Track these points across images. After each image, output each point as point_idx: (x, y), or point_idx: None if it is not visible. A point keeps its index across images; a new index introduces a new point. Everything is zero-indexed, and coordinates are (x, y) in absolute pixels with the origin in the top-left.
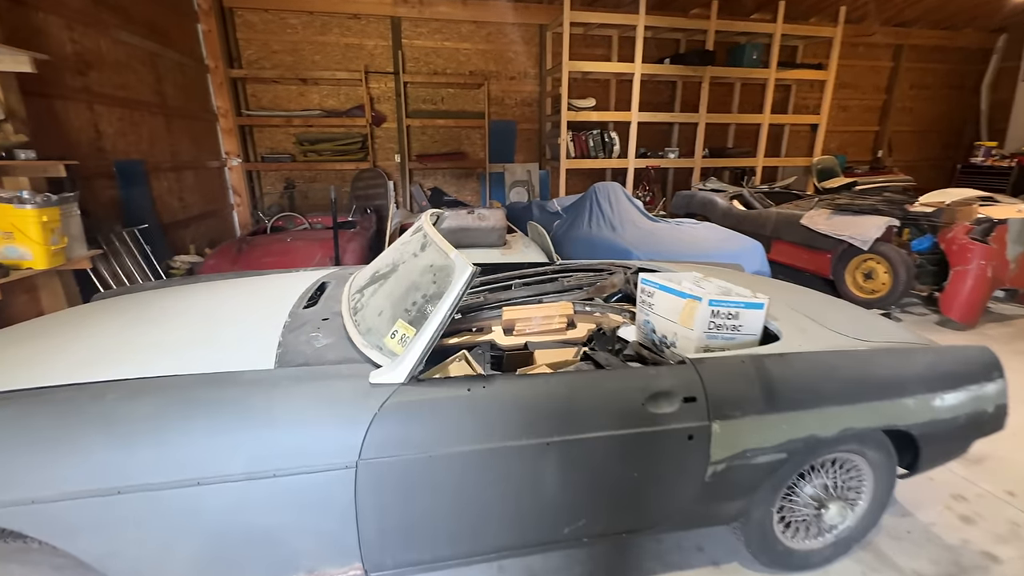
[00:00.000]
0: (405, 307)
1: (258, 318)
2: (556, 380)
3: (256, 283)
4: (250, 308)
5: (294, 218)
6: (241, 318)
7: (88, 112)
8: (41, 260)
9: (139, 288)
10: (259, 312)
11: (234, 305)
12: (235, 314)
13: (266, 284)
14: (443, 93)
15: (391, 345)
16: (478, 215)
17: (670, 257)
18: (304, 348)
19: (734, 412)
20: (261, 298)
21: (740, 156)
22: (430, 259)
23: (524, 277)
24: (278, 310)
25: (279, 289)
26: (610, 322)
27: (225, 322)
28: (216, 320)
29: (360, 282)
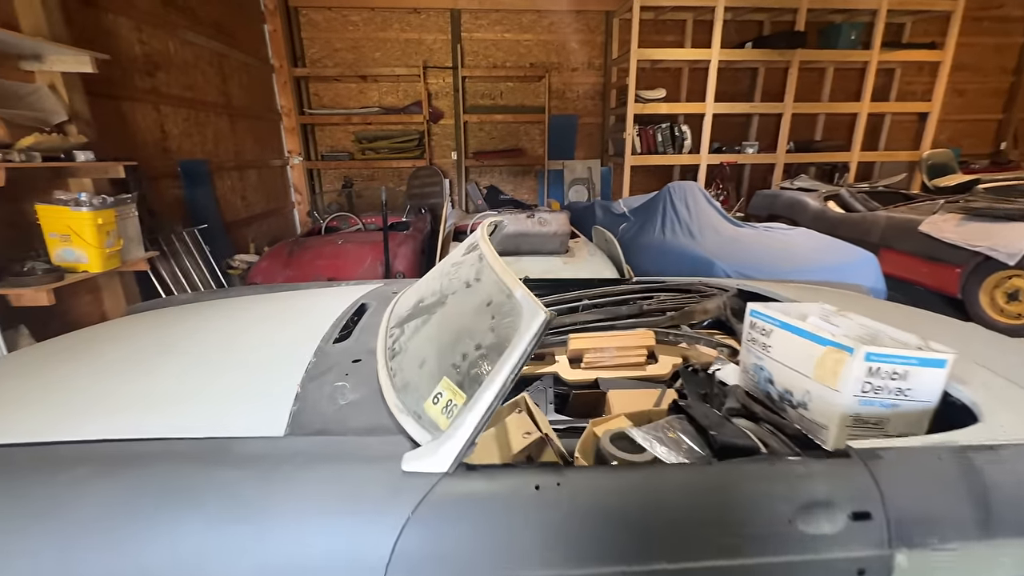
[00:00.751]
0: (453, 361)
1: (278, 354)
2: (661, 478)
3: (288, 302)
4: (273, 339)
5: (348, 218)
6: (259, 355)
7: (155, 113)
8: (96, 263)
9: (172, 301)
10: (282, 345)
11: (256, 334)
12: (254, 348)
13: (299, 304)
14: (502, 87)
15: (433, 413)
16: (539, 219)
17: (761, 270)
18: (325, 406)
19: (929, 538)
20: (289, 324)
21: (831, 150)
22: (488, 293)
23: (593, 297)
24: (304, 342)
25: (311, 312)
26: (699, 356)
27: (239, 360)
28: (230, 355)
29: (401, 311)
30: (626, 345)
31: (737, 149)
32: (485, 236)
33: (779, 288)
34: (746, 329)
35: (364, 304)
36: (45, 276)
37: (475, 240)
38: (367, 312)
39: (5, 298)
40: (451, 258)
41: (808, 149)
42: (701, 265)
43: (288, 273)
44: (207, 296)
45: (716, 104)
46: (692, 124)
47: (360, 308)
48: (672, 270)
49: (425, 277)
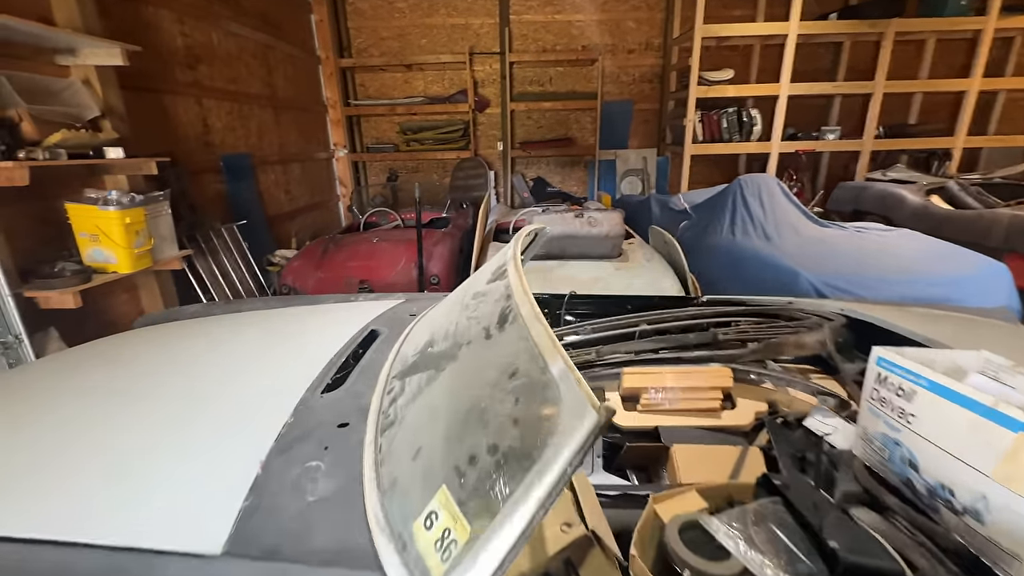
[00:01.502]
0: (456, 461)
1: (252, 407)
2: None
3: (293, 323)
4: (253, 383)
5: (387, 214)
6: (227, 408)
7: (197, 107)
8: (125, 264)
9: (180, 314)
10: (260, 392)
11: (236, 373)
12: (224, 396)
13: (303, 326)
14: (551, 73)
15: (422, 545)
16: (588, 219)
17: (858, 283)
18: (287, 502)
19: None
20: (280, 359)
21: (929, 135)
22: (513, 356)
23: (653, 320)
24: (288, 389)
25: (313, 340)
26: (790, 403)
27: (199, 416)
28: (191, 408)
29: (408, 353)
30: (696, 385)
31: (815, 135)
32: (517, 259)
33: (898, 315)
34: (870, 382)
35: (375, 331)
36: (72, 278)
37: (504, 262)
38: (376, 341)
39: (34, 300)
40: (476, 282)
41: (901, 134)
42: (781, 275)
43: (319, 275)
44: (216, 309)
45: (792, 85)
46: (762, 108)
47: (370, 335)
48: (744, 279)
49: (444, 303)
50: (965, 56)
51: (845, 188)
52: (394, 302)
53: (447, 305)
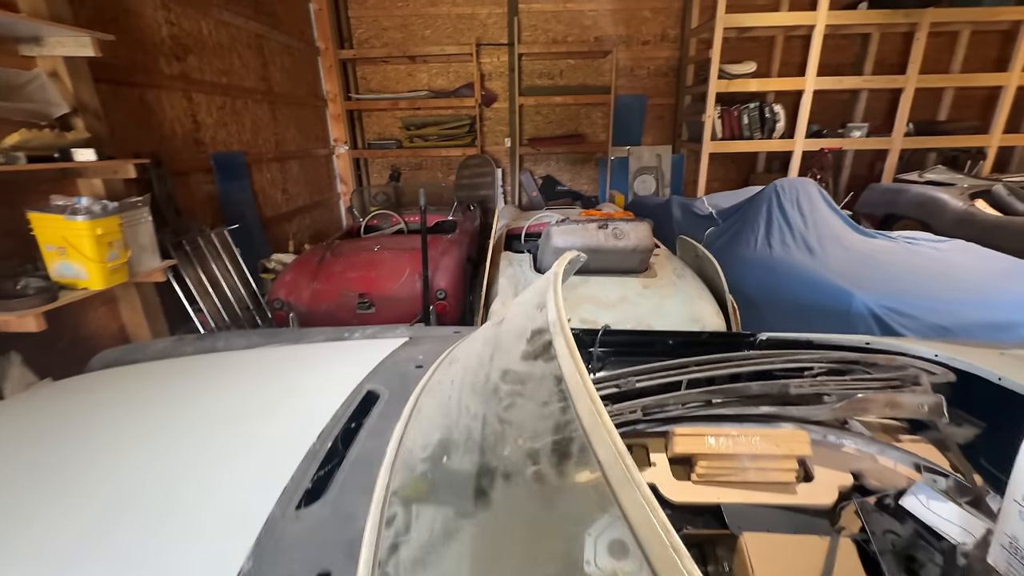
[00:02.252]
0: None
1: (190, 546)
2: None
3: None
4: (207, 487)
5: (389, 216)
6: (159, 532)
7: (185, 101)
8: (97, 279)
9: (142, 353)
10: (211, 512)
11: (187, 466)
12: (161, 509)
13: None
14: (562, 65)
15: None
16: (614, 230)
17: (924, 307)
18: None
19: None
20: (245, 442)
21: (962, 133)
22: (582, 514)
23: (703, 364)
24: (252, 501)
25: (293, 407)
26: (879, 474)
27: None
28: (117, 520)
29: (415, 459)
30: (766, 452)
31: (840, 132)
32: (564, 335)
33: (1004, 364)
34: (1020, 481)
35: (372, 392)
36: (35, 297)
37: (545, 331)
38: (374, 410)
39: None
40: (505, 349)
41: (932, 131)
42: (830, 295)
43: (315, 287)
44: (186, 346)
45: (819, 79)
46: (784, 103)
47: (366, 398)
48: (785, 298)
49: (460, 368)
50: (999, 49)
51: (877, 190)
52: (396, 342)
53: (466, 377)
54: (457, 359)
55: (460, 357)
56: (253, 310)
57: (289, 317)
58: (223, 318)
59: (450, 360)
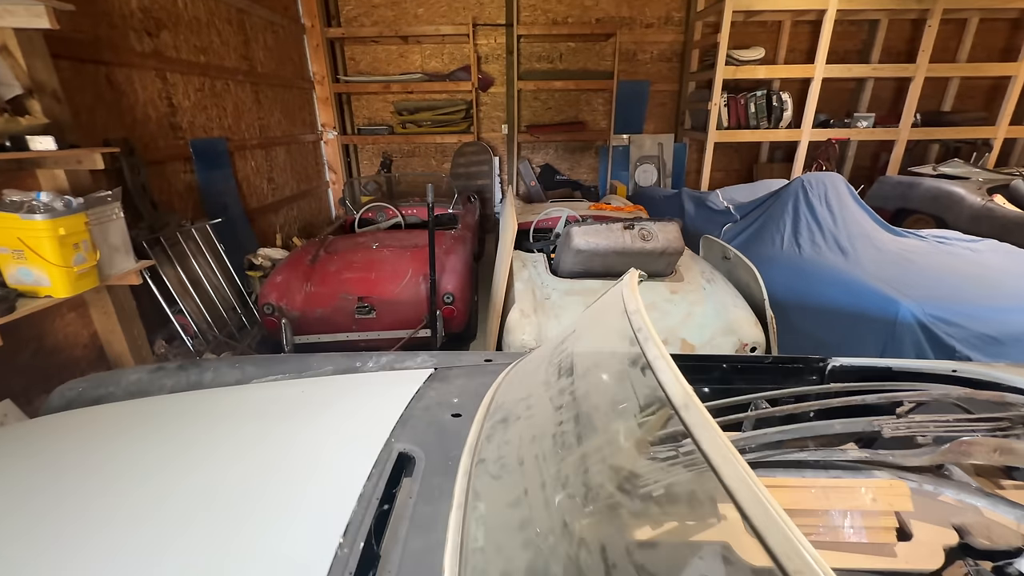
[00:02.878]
0: None
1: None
2: None
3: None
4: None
5: (385, 209)
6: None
7: (159, 82)
8: (61, 286)
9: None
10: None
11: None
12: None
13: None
14: (562, 48)
15: None
16: (641, 231)
17: (974, 314)
18: None
19: None
20: (245, 538)
21: (968, 124)
22: None
23: (770, 399)
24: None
25: (302, 478)
26: (987, 531)
27: None
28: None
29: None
30: (860, 507)
31: (847, 122)
32: (711, 431)
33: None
34: None
35: (404, 456)
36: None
37: (671, 404)
38: (411, 492)
39: None
40: (596, 425)
41: (939, 122)
42: (871, 301)
43: (309, 289)
44: (166, 376)
45: (828, 66)
46: (790, 91)
47: (397, 465)
48: (820, 304)
49: (521, 438)
50: (1006, 38)
51: (888, 183)
52: (419, 375)
53: (544, 458)
54: (513, 416)
55: (516, 412)
56: (240, 311)
57: (281, 323)
58: (206, 320)
59: (501, 414)
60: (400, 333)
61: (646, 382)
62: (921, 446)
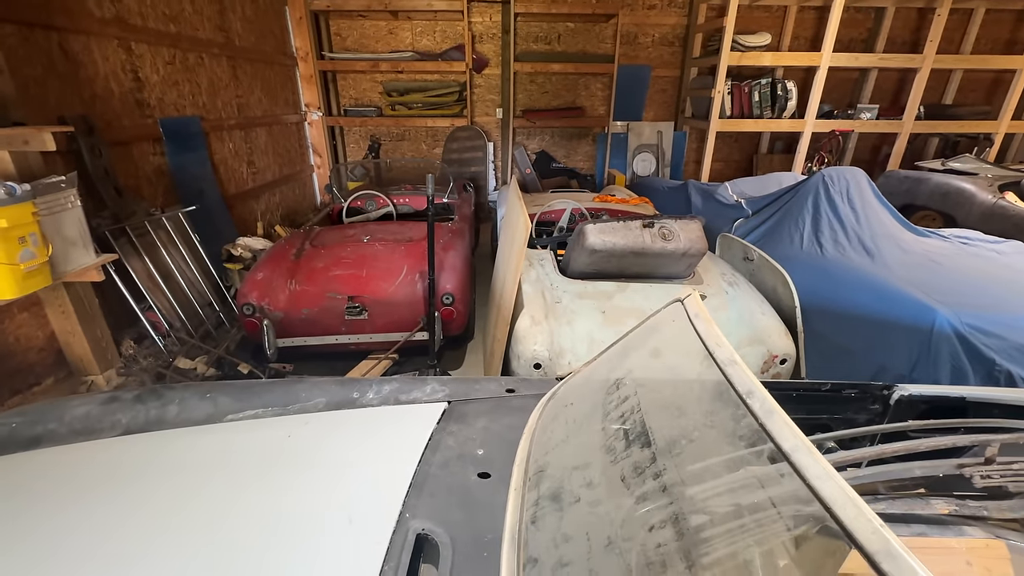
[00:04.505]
0: None
1: None
2: None
3: (249, 483)
4: None
5: (375, 198)
6: None
7: (123, 53)
8: (6, 286)
9: (56, 416)
10: None
11: None
12: None
13: (276, 499)
14: (560, 29)
15: None
16: (661, 230)
17: (1015, 325)
18: None
19: None
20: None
21: (972, 118)
22: None
23: (836, 439)
24: None
25: (302, 569)
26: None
27: None
28: None
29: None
30: (950, 573)
31: (850, 113)
32: None
33: None
34: None
35: (423, 538)
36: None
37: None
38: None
39: None
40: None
41: (942, 116)
42: (904, 308)
43: (294, 288)
44: (121, 410)
45: (835, 55)
46: (792, 79)
47: (415, 557)
48: (842, 308)
49: (587, 524)
50: (1009, 31)
51: (895, 178)
52: (431, 412)
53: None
54: (568, 495)
55: (574, 492)
56: (217, 306)
57: (263, 325)
58: (180, 317)
59: (549, 486)
60: (395, 336)
61: (784, 482)
62: (1014, 496)
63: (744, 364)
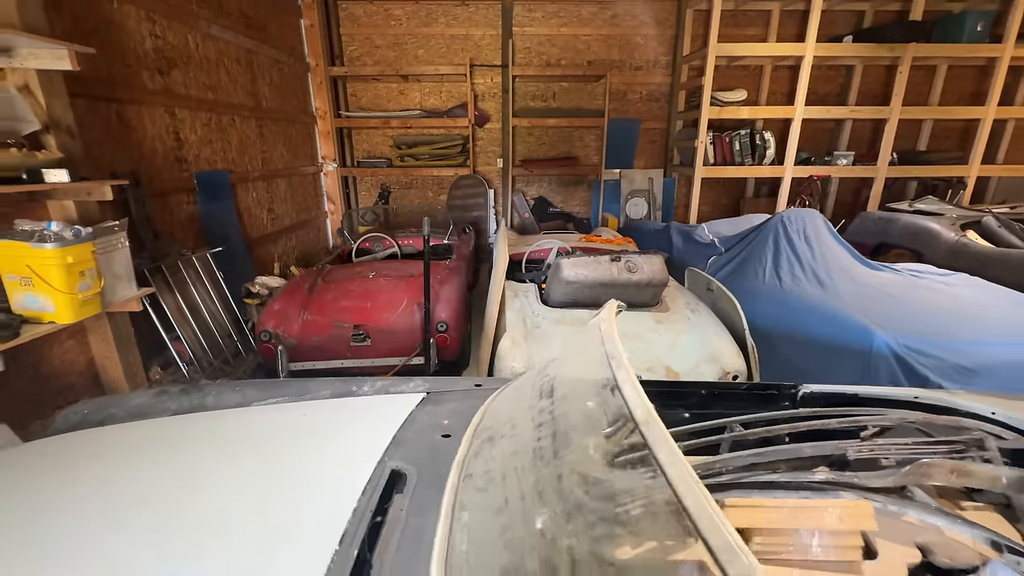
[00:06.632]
0: None
1: None
2: None
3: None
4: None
5: (382, 239)
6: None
7: (167, 117)
8: (65, 312)
9: (119, 406)
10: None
11: (180, 567)
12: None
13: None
14: (555, 88)
15: None
16: (627, 263)
17: (947, 347)
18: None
19: None
20: (246, 543)
21: (943, 163)
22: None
23: (745, 423)
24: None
25: (299, 490)
26: (947, 548)
27: None
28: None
29: None
30: (827, 527)
31: (827, 160)
32: (665, 444)
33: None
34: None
35: (397, 472)
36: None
37: (635, 422)
38: (402, 505)
39: None
40: (569, 441)
41: (913, 161)
42: (848, 332)
43: (306, 317)
44: (169, 400)
45: (807, 108)
46: (772, 130)
47: (390, 481)
48: (799, 335)
49: (504, 454)
50: (974, 83)
51: (868, 219)
52: (412, 398)
53: (522, 471)
54: (497, 433)
55: (501, 430)
56: (236, 338)
57: (278, 350)
58: (202, 347)
59: (488, 433)
60: (394, 360)
61: (615, 401)
62: (885, 468)
63: (626, 360)
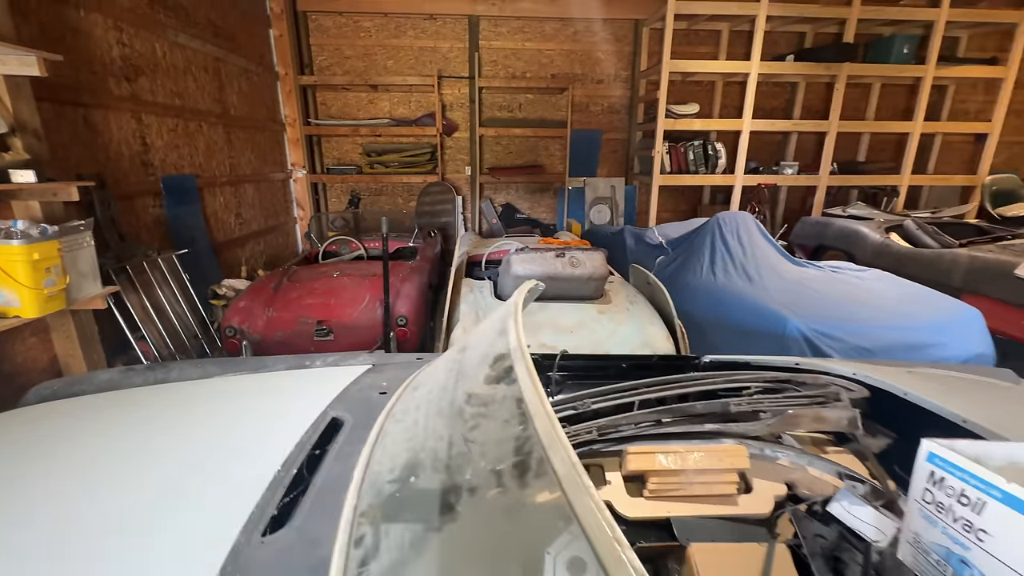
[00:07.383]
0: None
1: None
2: None
3: (228, 405)
4: (167, 515)
5: (348, 242)
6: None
7: (134, 123)
8: (30, 307)
9: (85, 384)
10: (172, 543)
11: (144, 498)
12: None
13: (240, 412)
14: (521, 99)
15: None
16: (571, 259)
17: (849, 330)
18: None
19: None
20: (207, 471)
21: (879, 173)
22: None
23: (652, 386)
24: (214, 529)
25: (254, 435)
26: (809, 483)
27: None
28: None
29: (382, 482)
30: (710, 466)
31: (775, 169)
32: (524, 360)
33: (911, 380)
34: (920, 481)
35: (336, 419)
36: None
37: (508, 351)
38: (338, 437)
39: None
40: (468, 373)
41: (853, 171)
42: (767, 319)
43: (271, 314)
44: (135, 376)
45: (754, 121)
46: (724, 141)
47: (330, 425)
48: (728, 322)
49: (424, 392)
50: (905, 100)
51: (808, 223)
52: (359, 369)
53: (431, 401)
54: (421, 384)
55: (424, 383)
56: (202, 338)
57: (242, 345)
58: (168, 346)
59: (414, 386)
60: None
61: (501, 341)
62: (761, 420)
63: (519, 315)
